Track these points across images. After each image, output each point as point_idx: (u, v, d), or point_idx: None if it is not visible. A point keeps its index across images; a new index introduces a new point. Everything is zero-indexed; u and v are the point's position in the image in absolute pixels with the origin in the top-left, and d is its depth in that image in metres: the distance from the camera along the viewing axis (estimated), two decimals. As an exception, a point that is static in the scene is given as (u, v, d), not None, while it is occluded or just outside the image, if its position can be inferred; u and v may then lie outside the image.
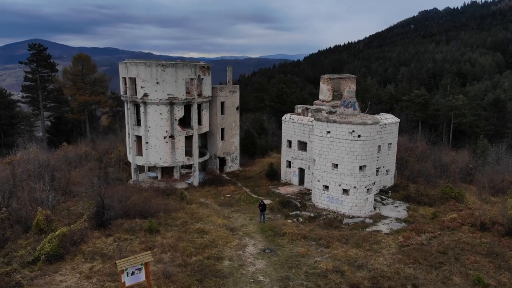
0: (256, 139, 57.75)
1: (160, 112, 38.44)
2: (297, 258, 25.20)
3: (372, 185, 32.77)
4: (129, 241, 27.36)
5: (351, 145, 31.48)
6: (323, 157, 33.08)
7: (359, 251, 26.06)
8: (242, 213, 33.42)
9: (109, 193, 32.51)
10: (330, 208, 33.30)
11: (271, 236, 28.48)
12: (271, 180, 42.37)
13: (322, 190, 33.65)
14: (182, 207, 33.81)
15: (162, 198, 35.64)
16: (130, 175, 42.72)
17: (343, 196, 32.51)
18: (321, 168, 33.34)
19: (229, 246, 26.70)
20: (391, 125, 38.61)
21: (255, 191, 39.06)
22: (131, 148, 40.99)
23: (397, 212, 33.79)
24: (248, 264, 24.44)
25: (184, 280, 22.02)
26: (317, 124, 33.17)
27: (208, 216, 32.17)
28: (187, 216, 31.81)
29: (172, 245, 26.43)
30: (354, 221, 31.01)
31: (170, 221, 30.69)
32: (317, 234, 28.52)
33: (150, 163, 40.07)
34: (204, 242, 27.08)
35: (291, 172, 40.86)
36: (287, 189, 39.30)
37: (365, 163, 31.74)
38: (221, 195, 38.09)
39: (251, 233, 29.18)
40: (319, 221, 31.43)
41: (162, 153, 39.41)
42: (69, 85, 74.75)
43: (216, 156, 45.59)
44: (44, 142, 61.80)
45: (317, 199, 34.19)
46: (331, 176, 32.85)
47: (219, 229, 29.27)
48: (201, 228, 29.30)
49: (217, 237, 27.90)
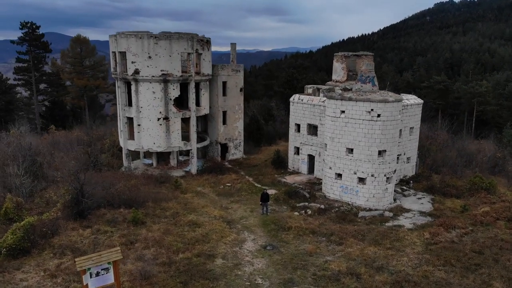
0: (263, 125, 53.76)
1: (153, 90, 34.70)
2: (303, 257, 21.31)
3: (392, 173, 28.65)
4: (108, 234, 23.82)
5: (369, 126, 27.35)
6: (336, 141, 29.02)
7: (378, 250, 22.08)
8: (243, 204, 29.60)
9: (93, 179, 29.10)
10: (343, 199, 29.30)
11: (274, 231, 24.63)
12: (277, 168, 38.46)
13: (335, 179, 29.63)
14: (175, 197, 30.16)
15: (154, 187, 32.01)
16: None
17: (358, 186, 28.46)
18: (334, 153, 29.30)
19: (224, 242, 22.93)
20: (413, 106, 34.35)
21: (259, 180, 35.20)
22: (122, 131, 37.42)
23: (420, 204, 29.71)
24: (245, 263, 20.63)
25: (166, 283, 18.32)
26: (330, 103, 29.09)
27: (204, 206, 28.44)
28: (179, 206, 28.14)
29: (158, 239, 22.77)
30: (372, 214, 26.98)
31: (159, 211, 27.05)
32: (328, 229, 24.59)
33: (143, 148, 36.43)
34: (195, 236, 23.36)
35: (300, 160, 36.87)
36: (295, 178, 35.35)
37: (385, 148, 27.61)
38: (221, 184, 34.32)
39: (251, 227, 25.37)
40: (331, 213, 27.47)
41: (155, 136, 35.71)
42: (67, 69, 71.66)
43: (217, 142, 41.77)
44: (38, 127, 58.64)
45: (328, 189, 30.21)
46: (345, 162, 28.80)
47: (214, 222, 25.52)
48: (194, 220, 25.59)
49: (211, 230, 24.16)
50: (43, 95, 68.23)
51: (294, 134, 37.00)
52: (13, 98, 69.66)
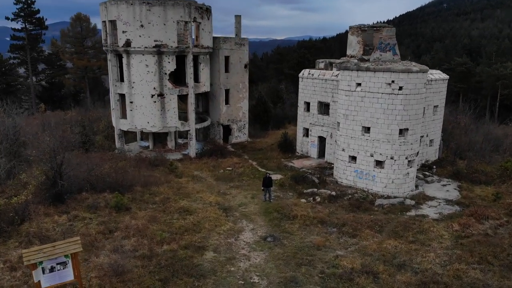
0: (271, 108, 50.43)
1: (146, 63, 31.55)
2: (310, 250, 18.17)
3: (415, 155, 25.22)
4: (87, 221, 20.99)
5: (389, 101, 23.89)
6: (350, 119, 25.64)
7: (399, 243, 18.84)
8: (243, 190, 26.51)
9: (77, 160, 26.28)
10: (357, 185, 26.01)
11: (276, 220, 21.50)
12: (284, 152, 35.21)
13: (348, 162, 26.31)
14: (168, 181, 27.19)
15: (146, 170, 29.05)
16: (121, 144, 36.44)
17: (375, 170, 25.12)
18: (348, 133, 25.93)
19: (218, 232, 19.88)
20: (438, 82, 30.70)
21: (263, 165, 32.06)
22: (114, 109, 34.47)
23: (446, 192, 26.34)
24: (240, 257, 17.57)
25: (141, 280, 15.35)
26: (344, 75, 25.65)
27: (199, 192, 25.42)
28: (171, 191, 25.17)
29: (141, 227, 19.83)
30: (390, 203, 23.66)
31: (148, 197, 24.12)
32: (339, 218, 21.37)
33: (136, 128, 33.44)
34: (185, 225, 20.37)
35: (309, 143, 33.54)
36: (303, 162, 32.10)
37: (407, 126, 24.16)
38: (221, 168, 31.25)
39: (251, 215, 22.28)
40: (343, 201, 24.23)
41: (149, 115, 32.67)
42: (67, 49, 68.81)
43: (219, 124, 38.60)
44: (33, 107, 56.15)
45: (340, 174, 26.92)
46: (360, 143, 25.43)
47: (209, 209, 22.49)
48: (186, 207, 22.60)
49: (204, 218, 21.13)
50: (41, 75, 65.55)
51: (303, 114, 33.63)
52: (14, 79, 67.30)
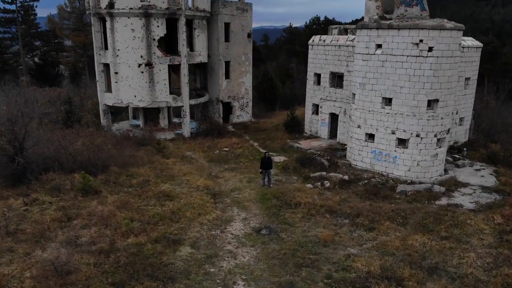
0: (279, 86, 46.50)
1: (132, 28, 27.90)
2: (314, 247, 14.50)
3: (445, 133, 21.23)
4: (46, 205, 17.67)
5: (416, 65, 19.88)
6: (368, 89, 21.71)
7: (428, 240, 15.07)
8: (239, 173, 22.89)
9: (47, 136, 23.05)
10: (375, 168, 22.18)
11: (275, 208, 17.84)
12: (290, 132, 31.45)
13: (364, 142, 22.45)
14: (152, 161, 23.70)
15: (131, 149, 25.59)
16: (111, 122, 33.21)
17: (397, 150, 21.22)
18: (364, 106, 22.04)
19: (200, 221, 16.32)
20: (471, 50, 26.47)
21: (266, 146, 28.34)
22: (98, 82, 31.02)
23: (480, 177, 22.39)
24: (224, 254, 13.99)
25: (89, 283, 11.86)
26: (362, 35, 21.66)
27: (186, 174, 21.89)
28: (153, 173, 21.69)
29: (107, 215, 16.37)
30: (415, 189, 19.80)
31: (124, 179, 20.69)
32: (352, 207, 17.62)
33: (122, 102, 29.96)
34: (161, 212, 16.87)
35: (319, 121, 29.69)
36: (312, 143, 28.30)
37: (437, 96, 20.15)
38: (217, 148, 27.66)
39: (244, 202, 18.65)
40: (357, 187, 20.43)
41: (136, 88, 29.12)
42: (65, 25, 65.59)
43: (219, 101, 34.90)
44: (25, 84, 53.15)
45: (355, 156, 23.09)
46: (379, 118, 21.53)
47: (194, 194, 18.94)
48: (167, 191, 19.09)
49: (187, 205, 17.59)
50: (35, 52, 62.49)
51: (313, 88, 29.71)
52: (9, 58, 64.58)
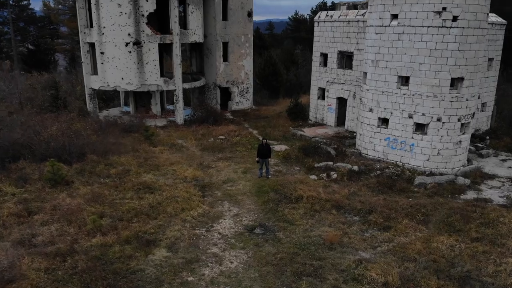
0: (283, 72, 43.90)
1: (118, 2, 25.48)
2: (318, 250, 12.07)
3: (470, 117, 18.66)
4: (8, 197, 15.45)
5: (438, 37, 17.29)
6: (381, 66, 19.15)
7: (456, 242, 12.62)
8: (234, 162, 20.47)
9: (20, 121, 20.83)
10: (389, 158, 19.68)
11: (272, 202, 15.41)
12: (294, 119, 29.01)
13: (377, 127, 19.94)
14: (137, 149, 21.34)
15: (115, 136, 23.25)
16: (98, 108, 31.00)
17: (415, 137, 18.70)
18: (378, 86, 19.50)
19: (183, 218, 13.94)
20: (494, 27, 23.82)
21: (266, 133, 25.84)
22: (83, 63, 28.70)
23: (507, 168, 20.00)
24: (208, 258, 11.61)
25: (30, 296, 9.52)
26: (375, 4, 19.08)
27: (173, 163, 19.52)
28: (135, 162, 19.35)
29: (74, 209, 14.03)
30: (436, 181, 17.29)
31: (102, 168, 18.35)
32: (364, 202, 15.16)
33: (108, 85, 27.59)
34: (139, 207, 14.52)
35: (325, 106, 27.18)
36: (317, 131, 25.82)
37: (462, 74, 17.57)
38: (212, 136, 25.26)
39: (238, 195, 16.24)
40: (369, 178, 17.95)
41: (124, 69, 26.74)
42: (61, 11, 63.36)
43: (216, 85, 32.43)
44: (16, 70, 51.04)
45: (366, 144, 20.60)
46: (395, 100, 19.00)
47: (180, 186, 16.57)
48: (149, 182, 16.74)
49: (169, 199, 15.23)
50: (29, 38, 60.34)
51: (319, 69, 27.17)
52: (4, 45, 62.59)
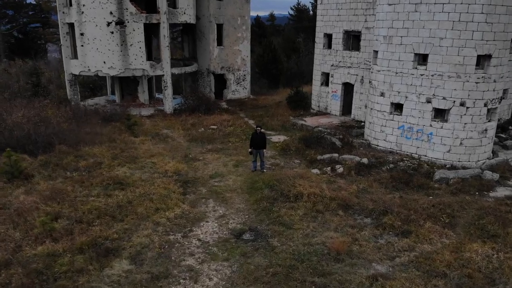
0: (284, 61, 41.45)
1: (98, -24, 23.03)
2: (321, 262, 9.68)
3: (498, 101, 16.19)
4: (-49, 195, 13.00)
5: (463, 7, 14.82)
6: (395, 43, 16.69)
7: (493, 251, 10.20)
8: (225, 154, 18.06)
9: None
10: (403, 149, 17.25)
11: (267, 200, 12.98)
12: (294, 108, 26.63)
13: (389, 114, 17.49)
14: (114, 139, 18.97)
15: (95, 125, 20.87)
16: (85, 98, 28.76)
17: (433, 125, 16.26)
18: (390, 66, 17.04)
19: (156, 220, 11.57)
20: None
21: (263, 123, 23.36)
22: (63, 46, 26.32)
23: (540, 163, 17.35)
24: (181, 273, 9.27)
25: None
26: (385, -28, 16.57)
27: (154, 155, 17.14)
28: (110, 153, 16.98)
29: (27, 208, 11.67)
30: (460, 176, 14.86)
31: (71, 160, 16.01)
32: (376, 201, 12.74)
33: (89, 70, 25.18)
34: (104, 206, 12.18)
35: (329, 93, 24.72)
36: (320, 120, 23.39)
37: (490, 50, 15.10)
38: (202, 126, 22.85)
39: (226, 192, 13.83)
40: (380, 173, 15.51)
41: (106, 52, 24.33)
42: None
43: (210, 72, 29.99)
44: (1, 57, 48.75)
45: (376, 133, 18.17)
46: (410, 82, 16.54)
47: (158, 181, 14.18)
48: (121, 177, 14.38)
49: (143, 196, 12.86)
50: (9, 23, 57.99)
51: (322, 52, 24.69)
52: None
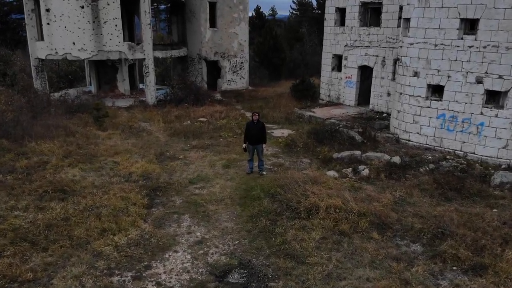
0: (286, 49, 37.68)
1: None
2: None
3: None
4: None
5: None
6: (433, 6, 12.95)
7: None
8: (214, 152, 14.26)
9: None
10: (444, 145, 13.47)
11: (267, 217, 9.16)
12: (300, 99, 22.91)
13: (425, 99, 13.71)
14: (73, 133, 15.23)
15: (56, 117, 17.13)
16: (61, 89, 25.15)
17: (485, 112, 12.48)
18: (427, 37, 13.30)
19: (99, 248, 7.76)
20: None
21: (263, 115, 19.51)
22: (27, 26, 22.66)
23: None
24: None
25: None
26: None
27: (119, 153, 13.43)
28: (62, 150, 13.25)
29: None
30: (530, 182, 11.02)
31: (10, 158, 12.43)
32: (424, 216, 8.93)
33: (57, 53, 21.42)
34: (28, 225, 8.38)
35: (342, 79, 20.92)
36: (332, 111, 19.60)
37: None
38: (189, 118, 19.08)
39: (209, 203, 10.05)
40: (419, 176, 11.67)
41: (75, 30, 20.61)
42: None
43: (201, 58, 26.22)
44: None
45: (407, 126, 14.39)
46: (454, 56, 12.77)
47: (116, 188, 10.49)
48: (67, 182, 10.67)
49: (88, 211, 9.10)
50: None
51: (334, 30, 20.92)
52: None
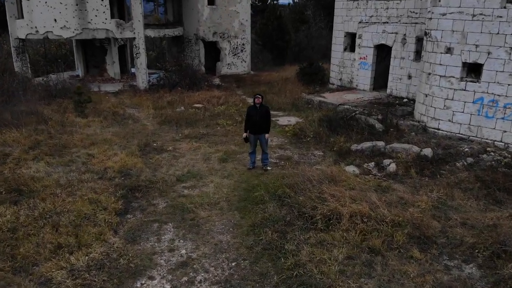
0: (291, 31, 35.41)
1: None
2: None
3: None
4: None
5: None
6: (472, -33, 10.74)
7: None
8: (208, 143, 12.23)
9: None
10: (482, 134, 11.43)
11: (273, 227, 7.11)
12: (308, 83, 20.84)
13: (459, 81, 11.63)
14: (45, 120, 13.27)
15: (31, 103, 15.12)
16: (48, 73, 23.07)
17: (538, 95, 10.38)
18: (463, 6, 11.17)
19: (48, 274, 5.80)
20: None
21: (267, 100, 17.39)
22: (6, 2, 20.58)
23: None
24: None
25: None
26: None
27: (97, 143, 11.41)
28: (29, 140, 11.35)
29: None
30: None
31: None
32: (474, 225, 6.86)
33: (37, 32, 19.32)
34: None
35: (356, 60, 18.77)
36: (344, 96, 17.51)
37: None
38: (183, 104, 17.04)
39: (200, 208, 8.05)
40: (456, 172, 9.64)
41: (56, 6, 18.54)
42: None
43: (199, 38, 24.06)
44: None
45: (436, 112, 12.33)
46: (496, 29, 10.69)
47: (85, 188, 8.49)
48: (26, 179, 8.75)
49: (46, 218, 7.09)
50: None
51: (346, 5, 18.73)
52: None
